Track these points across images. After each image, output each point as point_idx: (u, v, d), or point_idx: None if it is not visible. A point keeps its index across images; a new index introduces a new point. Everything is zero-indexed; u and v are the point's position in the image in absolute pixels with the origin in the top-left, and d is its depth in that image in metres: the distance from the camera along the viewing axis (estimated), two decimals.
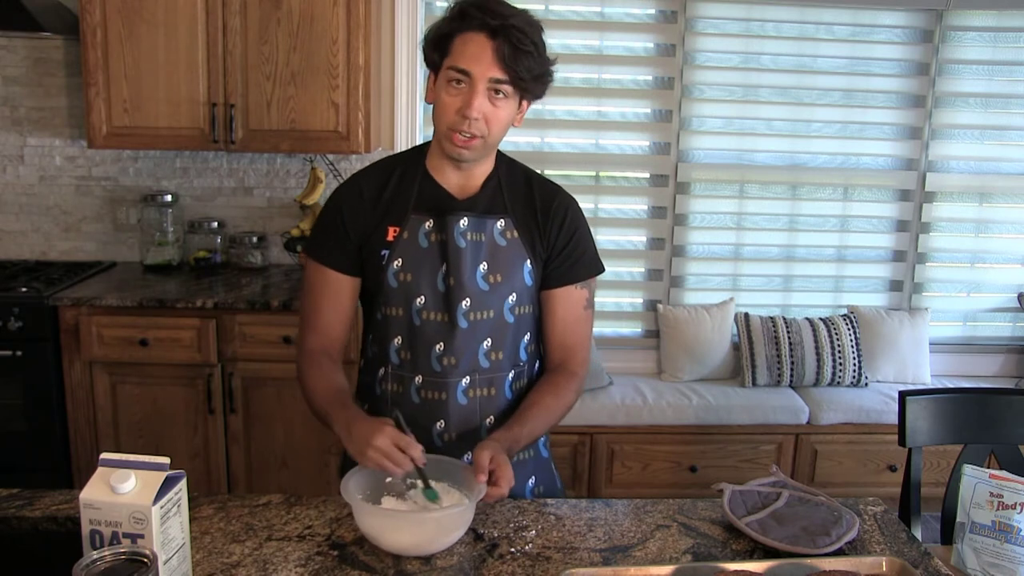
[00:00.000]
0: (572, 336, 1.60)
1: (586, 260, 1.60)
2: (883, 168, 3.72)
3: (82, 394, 2.91)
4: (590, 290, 1.62)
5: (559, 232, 1.57)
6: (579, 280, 1.59)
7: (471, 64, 1.40)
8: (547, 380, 1.59)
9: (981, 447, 1.94)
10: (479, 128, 1.44)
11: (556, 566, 1.28)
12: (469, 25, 1.40)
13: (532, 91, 1.47)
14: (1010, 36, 3.61)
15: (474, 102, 1.41)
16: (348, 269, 1.56)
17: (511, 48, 1.39)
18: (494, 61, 1.40)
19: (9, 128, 3.34)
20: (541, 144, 3.61)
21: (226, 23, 2.98)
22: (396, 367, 1.57)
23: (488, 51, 1.39)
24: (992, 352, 3.87)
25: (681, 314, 3.58)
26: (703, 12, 3.53)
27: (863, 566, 1.25)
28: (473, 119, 1.42)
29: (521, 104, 1.50)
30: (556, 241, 1.57)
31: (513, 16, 1.40)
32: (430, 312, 1.52)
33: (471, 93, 1.41)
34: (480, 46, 1.40)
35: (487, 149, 1.51)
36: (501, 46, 1.39)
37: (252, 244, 3.37)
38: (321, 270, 1.56)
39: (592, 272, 1.62)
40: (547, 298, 1.59)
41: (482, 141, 1.46)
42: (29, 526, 1.35)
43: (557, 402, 1.55)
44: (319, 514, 1.41)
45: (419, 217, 1.53)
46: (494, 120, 1.45)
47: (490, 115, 1.44)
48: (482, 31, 1.39)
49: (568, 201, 1.60)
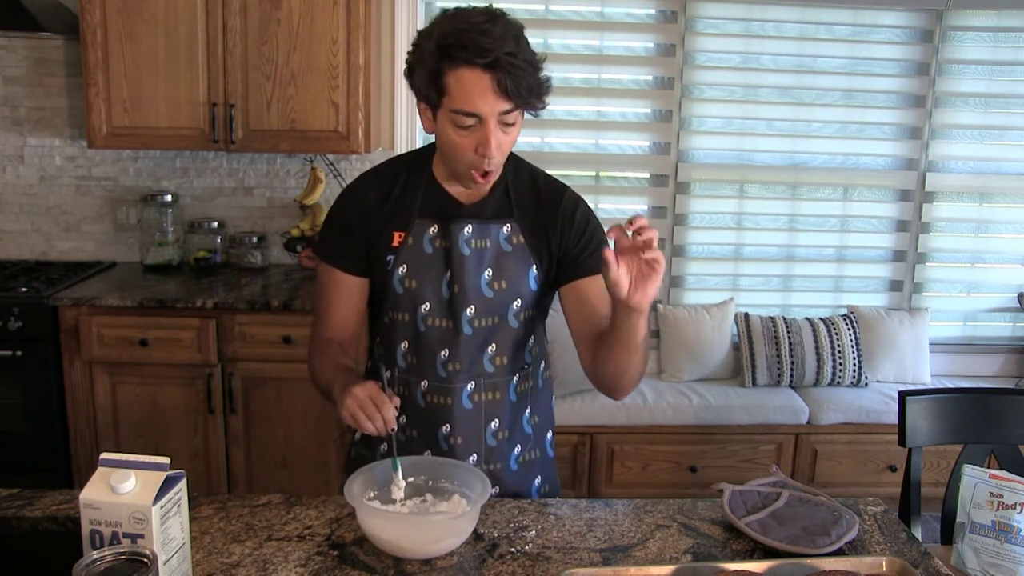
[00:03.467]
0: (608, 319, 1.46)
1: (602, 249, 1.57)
2: (883, 168, 3.72)
3: (82, 394, 2.91)
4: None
5: (570, 231, 1.54)
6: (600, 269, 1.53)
7: (478, 106, 1.34)
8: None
9: (981, 447, 1.94)
10: (497, 163, 1.42)
11: (556, 566, 1.28)
12: (459, 62, 1.33)
13: (539, 104, 1.42)
14: (1010, 36, 3.61)
15: (492, 142, 1.37)
16: (355, 270, 1.56)
17: (511, 78, 1.33)
18: (498, 96, 1.34)
19: (9, 128, 3.34)
20: (541, 144, 3.61)
21: (226, 23, 2.98)
22: (403, 371, 1.57)
23: (489, 88, 1.33)
24: (992, 352, 3.87)
25: (681, 314, 3.58)
26: (703, 12, 3.53)
27: (863, 566, 1.25)
28: (491, 157, 1.39)
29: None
30: (568, 239, 1.54)
31: (501, 41, 1.32)
32: (435, 319, 1.52)
33: (485, 132, 1.37)
34: (480, 85, 1.33)
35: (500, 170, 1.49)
36: (502, 79, 1.32)
37: (252, 244, 3.37)
38: (330, 270, 1.57)
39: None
40: (573, 290, 1.54)
41: (499, 169, 1.45)
42: (29, 526, 1.35)
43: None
44: (319, 514, 1.41)
45: (424, 223, 1.52)
46: (507, 144, 1.42)
47: (504, 142, 1.40)
48: (476, 67, 1.32)
49: (575, 199, 1.58)
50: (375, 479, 1.39)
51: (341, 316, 1.58)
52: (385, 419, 1.34)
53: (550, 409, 1.71)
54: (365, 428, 1.35)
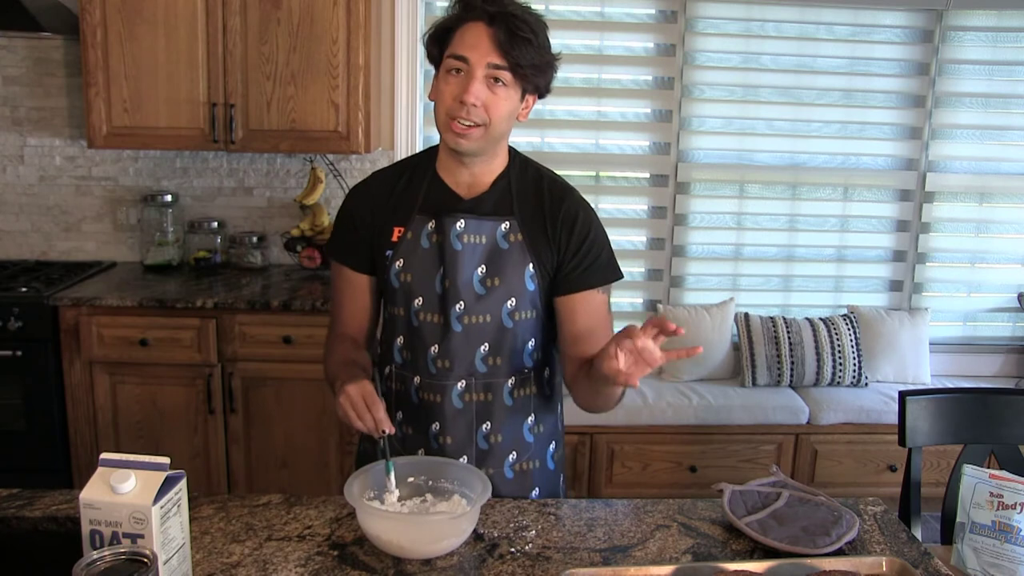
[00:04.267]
0: (598, 343, 1.46)
1: (601, 264, 1.54)
2: (883, 168, 3.72)
3: (82, 394, 2.91)
4: (608, 294, 1.57)
5: (569, 238, 1.52)
6: (597, 285, 1.54)
7: (468, 50, 1.40)
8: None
9: (981, 447, 1.94)
10: (478, 115, 1.41)
11: (556, 566, 1.28)
12: (469, 16, 1.41)
13: (532, 81, 1.45)
14: (1010, 36, 3.61)
15: (471, 87, 1.39)
16: (362, 267, 1.59)
17: (508, 34, 1.39)
18: (491, 47, 1.39)
19: (9, 128, 3.34)
20: (541, 144, 3.61)
21: (226, 23, 2.98)
22: (399, 366, 1.58)
23: (485, 38, 1.40)
24: (992, 352, 3.87)
25: (681, 314, 3.58)
26: (703, 12, 3.53)
27: (863, 566, 1.25)
28: (471, 105, 1.40)
29: (525, 98, 1.48)
30: (567, 247, 1.52)
31: (512, 5, 1.42)
32: (426, 313, 1.52)
33: (469, 79, 1.40)
34: (478, 33, 1.40)
35: (489, 141, 1.46)
36: (498, 32, 1.39)
37: (252, 244, 3.37)
38: (340, 268, 1.61)
39: (610, 277, 1.55)
40: (565, 304, 1.54)
41: (482, 130, 1.43)
42: (29, 526, 1.35)
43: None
44: (319, 514, 1.41)
45: (423, 218, 1.53)
46: (494, 108, 1.42)
47: (489, 103, 1.41)
48: (481, 19, 1.40)
49: (579, 205, 1.55)
50: (374, 479, 1.39)
51: (351, 313, 1.62)
52: (376, 419, 1.37)
53: (557, 421, 1.69)
54: (356, 426, 1.39)
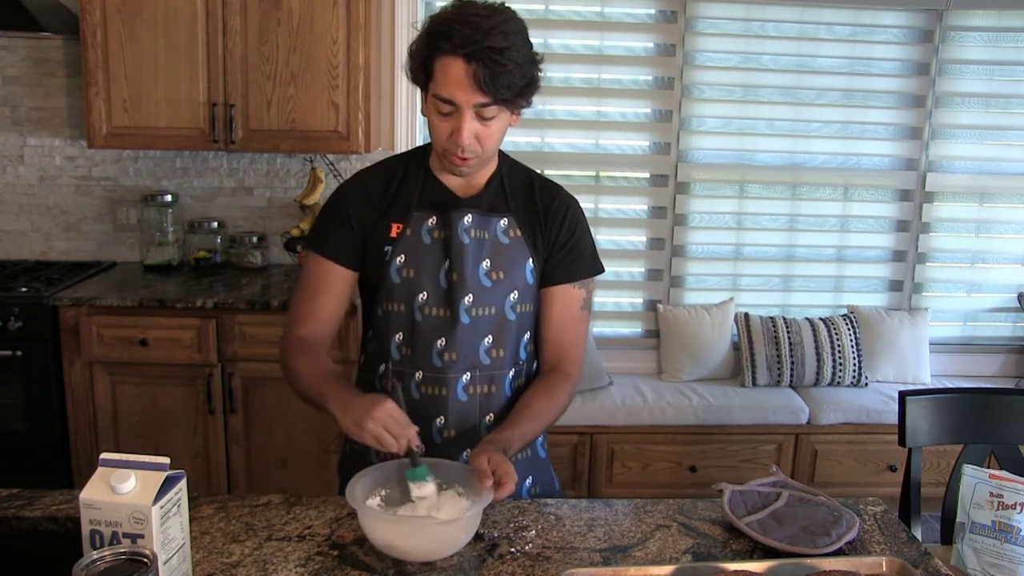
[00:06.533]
0: (567, 336, 1.60)
1: (584, 259, 1.61)
2: (883, 168, 3.72)
3: (82, 394, 2.91)
4: (588, 291, 1.62)
5: (559, 230, 1.58)
6: (576, 279, 1.60)
7: (454, 93, 1.39)
8: (541, 381, 1.59)
9: (981, 447, 1.94)
10: (473, 150, 1.45)
11: (556, 566, 1.28)
12: (444, 50, 1.37)
13: (519, 103, 1.46)
14: (1010, 36, 3.61)
15: (463, 130, 1.41)
16: (349, 263, 1.57)
17: (488, 72, 1.35)
18: (474, 88, 1.37)
19: (9, 128, 3.34)
20: (541, 144, 3.61)
21: (226, 23, 2.98)
22: (396, 363, 1.57)
23: (466, 78, 1.37)
24: (992, 352, 3.87)
25: (681, 314, 3.58)
26: (703, 12, 3.53)
27: (863, 566, 1.25)
28: (465, 145, 1.43)
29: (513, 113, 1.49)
30: (556, 239, 1.58)
31: (488, 35, 1.34)
32: (431, 308, 1.53)
33: (459, 121, 1.41)
34: (458, 73, 1.37)
35: (484, 161, 1.52)
36: (478, 71, 1.35)
37: (252, 244, 3.37)
38: (322, 263, 1.57)
39: (590, 272, 1.62)
40: (544, 296, 1.60)
41: (478, 159, 1.48)
42: (29, 526, 1.35)
43: (550, 404, 1.55)
44: (319, 514, 1.41)
45: (422, 214, 1.54)
46: (486, 137, 1.45)
47: (482, 134, 1.44)
48: (458, 56, 1.36)
49: (568, 200, 1.61)
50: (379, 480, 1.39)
51: (324, 312, 1.57)
52: (409, 438, 1.35)
53: None
54: (389, 448, 1.35)
